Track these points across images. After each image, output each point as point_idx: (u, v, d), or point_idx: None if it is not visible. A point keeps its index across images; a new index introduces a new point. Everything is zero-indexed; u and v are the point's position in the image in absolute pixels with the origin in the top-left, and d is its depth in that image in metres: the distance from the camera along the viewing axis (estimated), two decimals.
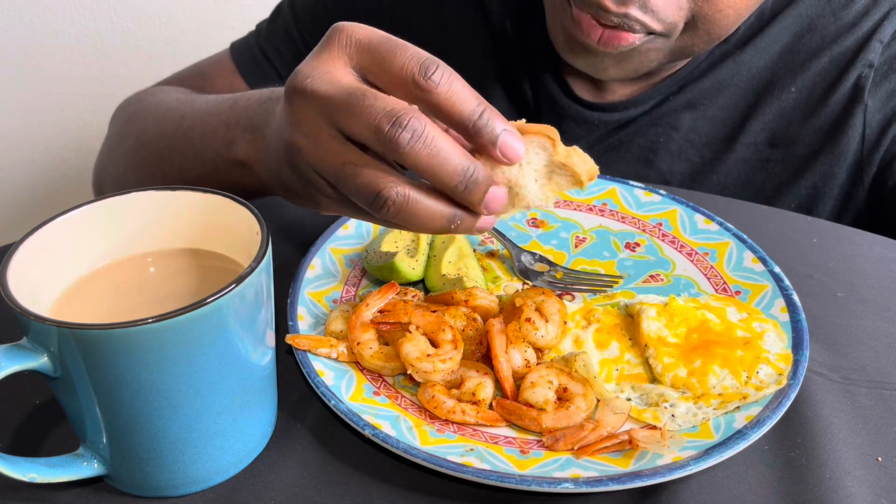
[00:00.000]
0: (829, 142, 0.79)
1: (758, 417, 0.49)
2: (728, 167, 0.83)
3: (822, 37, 0.79)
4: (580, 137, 0.86)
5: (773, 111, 0.81)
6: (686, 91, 0.82)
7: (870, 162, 0.79)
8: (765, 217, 0.72)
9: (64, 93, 1.67)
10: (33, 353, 0.41)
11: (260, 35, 0.97)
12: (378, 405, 0.52)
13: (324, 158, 0.48)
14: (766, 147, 0.82)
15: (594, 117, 0.84)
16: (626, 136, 0.85)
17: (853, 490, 0.47)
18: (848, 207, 0.82)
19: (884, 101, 0.78)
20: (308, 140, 0.48)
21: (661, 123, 0.83)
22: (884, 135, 0.78)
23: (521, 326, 0.55)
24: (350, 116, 0.45)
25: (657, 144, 0.84)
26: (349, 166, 0.46)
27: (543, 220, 0.71)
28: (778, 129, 0.81)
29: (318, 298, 0.61)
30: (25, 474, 0.44)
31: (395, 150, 0.44)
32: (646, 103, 0.83)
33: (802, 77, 0.80)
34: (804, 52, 0.80)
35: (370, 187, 0.46)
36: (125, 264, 0.51)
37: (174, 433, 0.44)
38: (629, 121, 0.84)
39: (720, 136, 0.83)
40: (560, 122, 0.85)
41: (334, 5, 0.93)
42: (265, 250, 0.45)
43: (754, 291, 0.61)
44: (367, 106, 0.45)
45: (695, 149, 0.83)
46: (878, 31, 0.78)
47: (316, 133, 0.48)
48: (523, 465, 0.48)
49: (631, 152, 0.85)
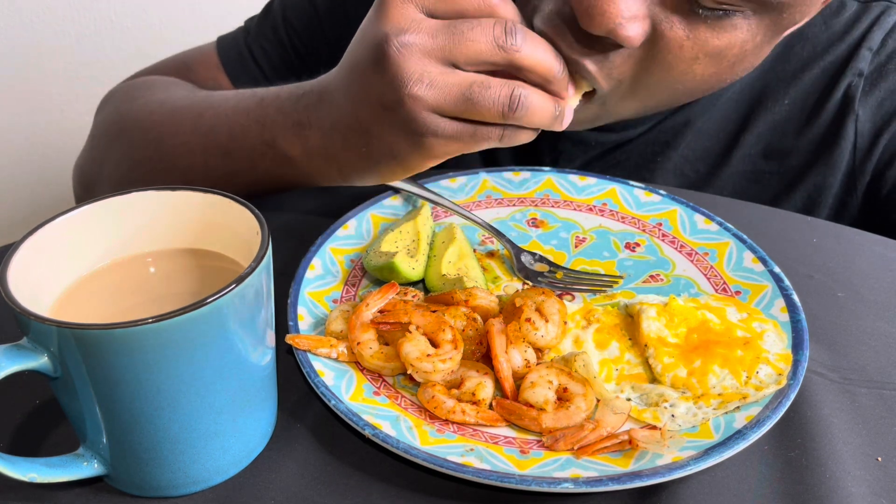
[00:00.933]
0: (823, 152, 0.79)
1: (758, 417, 0.49)
2: (723, 181, 0.82)
3: (812, 46, 0.79)
4: (576, 157, 0.85)
5: (767, 123, 0.80)
6: (684, 110, 0.81)
7: (862, 171, 0.78)
8: (765, 217, 0.72)
9: (64, 93, 1.67)
10: (33, 353, 0.41)
11: (248, 34, 0.96)
12: (378, 405, 0.52)
13: (448, 93, 0.54)
14: (760, 159, 0.81)
15: (591, 138, 0.83)
16: (623, 154, 0.84)
17: (853, 490, 0.47)
18: (842, 216, 0.81)
19: (874, 109, 0.77)
20: (425, 86, 0.53)
21: (657, 142, 0.83)
22: (875, 143, 0.77)
23: (521, 326, 0.55)
24: (464, 44, 0.53)
25: (653, 163, 0.83)
26: (476, 85, 0.53)
27: (543, 221, 0.71)
28: (772, 141, 0.80)
29: (318, 298, 0.61)
30: (25, 474, 0.44)
31: (514, 52, 0.53)
32: (644, 125, 0.82)
33: (795, 88, 0.79)
34: (795, 63, 0.79)
35: (503, 93, 0.53)
36: (125, 264, 0.51)
37: (174, 433, 0.44)
38: (626, 141, 0.83)
39: (715, 149, 0.82)
40: (556, 142, 0.84)
41: (325, 10, 0.93)
42: (265, 250, 0.45)
43: (754, 291, 0.61)
44: (474, 28, 0.53)
45: (690, 164, 0.83)
46: (868, 39, 0.77)
47: (431, 77, 0.54)
48: (523, 465, 0.48)
49: (626, 170, 0.84)
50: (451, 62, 0.54)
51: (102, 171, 0.84)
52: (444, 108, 0.54)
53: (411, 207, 0.71)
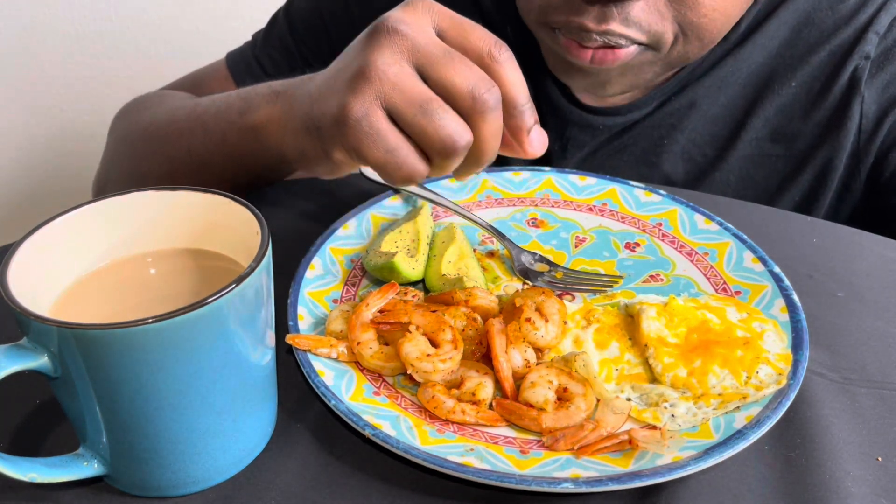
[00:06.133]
0: (829, 135, 0.79)
1: (757, 417, 0.49)
2: (731, 165, 0.83)
3: (819, 30, 0.79)
4: (584, 143, 0.85)
5: (774, 106, 0.81)
6: (688, 91, 0.82)
7: (866, 152, 0.79)
8: (765, 217, 0.72)
9: (64, 93, 1.67)
10: (33, 353, 0.41)
11: (256, 45, 0.98)
12: (378, 405, 0.52)
13: (409, 93, 0.53)
14: (767, 143, 0.82)
15: (597, 122, 0.84)
16: (630, 139, 0.85)
17: (853, 490, 0.47)
18: (845, 199, 0.82)
19: (880, 91, 0.77)
20: (391, 71, 0.53)
21: (663, 125, 0.83)
22: (880, 125, 0.78)
23: (521, 326, 0.55)
24: (447, 69, 0.52)
25: (660, 146, 0.84)
26: (437, 103, 0.52)
27: (543, 221, 0.71)
28: (779, 125, 0.81)
29: (318, 298, 0.61)
30: (25, 474, 0.44)
31: (480, 111, 0.52)
32: (648, 105, 0.83)
33: (801, 71, 0.80)
34: (803, 47, 0.80)
35: (456, 124, 0.52)
36: (125, 264, 0.51)
37: (174, 433, 0.44)
38: (632, 123, 0.84)
39: (722, 134, 0.83)
40: (563, 128, 0.85)
41: (331, 16, 0.93)
42: (265, 250, 0.45)
43: (754, 291, 0.61)
44: (466, 66, 0.52)
45: (697, 148, 0.83)
46: (874, 23, 0.78)
47: (402, 71, 0.53)
48: (523, 465, 0.48)
49: (634, 155, 0.85)
50: (426, 76, 0.53)
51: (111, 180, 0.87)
52: (395, 103, 0.53)
53: (411, 207, 0.71)
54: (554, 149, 0.86)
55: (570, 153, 0.86)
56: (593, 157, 0.86)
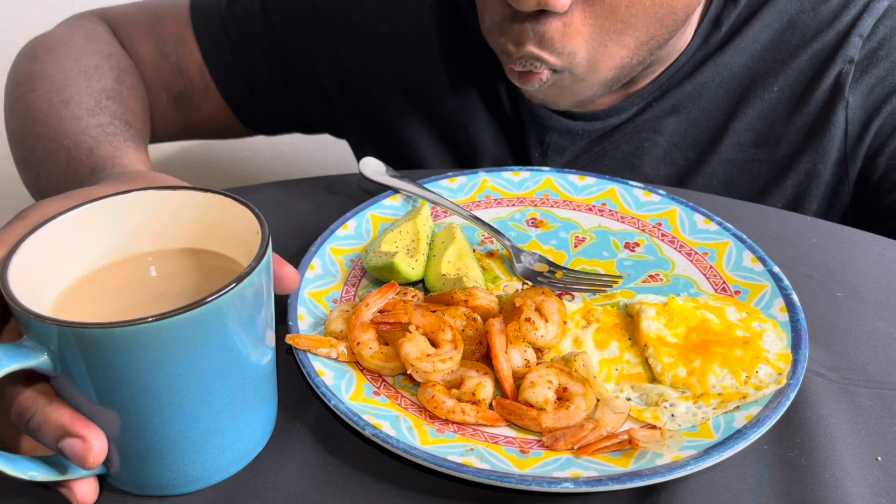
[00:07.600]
0: (813, 140, 0.79)
1: (757, 417, 0.49)
2: (713, 169, 0.82)
3: (802, 33, 0.78)
4: (564, 148, 0.85)
5: (757, 111, 0.80)
6: (669, 96, 0.81)
7: (854, 158, 0.78)
8: (764, 217, 0.72)
9: None
10: (33, 352, 0.41)
11: (221, 3, 0.94)
12: (378, 405, 0.52)
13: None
14: (750, 147, 0.81)
15: (577, 127, 0.83)
16: (611, 143, 0.84)
17: (853, 490, 0.47)
18: (834, 205, 0.81)
19: (865, 96, 0.77)
20: None
21: (644, 129, 0.82)
22: (866, 130, 0.77)
23: (521, 326, 0.55)
24: None
25: (641, 150, 0.83)
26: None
27: (543, 220, 0.71)
28: (762, 129, 0.80)
29: (318, 298, 0.61)
30: (25, 472, 0.44)
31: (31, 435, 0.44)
32: (629, 110, 0.82)
33: (784, 75, 0.79)
34: (785, 50, 0.79)
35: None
36: (125, 264, 0.51)
37: (174, 432, 0.44)
38: (613, 128, 0.83)
39: (704, 138, 0.82)
40: (543, 134, 0.84)
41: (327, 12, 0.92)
42: (265, 250, 0.45)
43: (753, 291, 0.61)
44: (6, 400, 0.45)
45: (679, 152, 0.83)
46: (858, 25, 0.77)
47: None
48: (523, 465, 0.48)
49: (616, 159, 0.84)
50: None
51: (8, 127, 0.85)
52: None
53: (411, 207, 0.71)
54: (534, 155, 0.86)
55: (551, 159, 0.85)
56: (574, 163, 0.85)
